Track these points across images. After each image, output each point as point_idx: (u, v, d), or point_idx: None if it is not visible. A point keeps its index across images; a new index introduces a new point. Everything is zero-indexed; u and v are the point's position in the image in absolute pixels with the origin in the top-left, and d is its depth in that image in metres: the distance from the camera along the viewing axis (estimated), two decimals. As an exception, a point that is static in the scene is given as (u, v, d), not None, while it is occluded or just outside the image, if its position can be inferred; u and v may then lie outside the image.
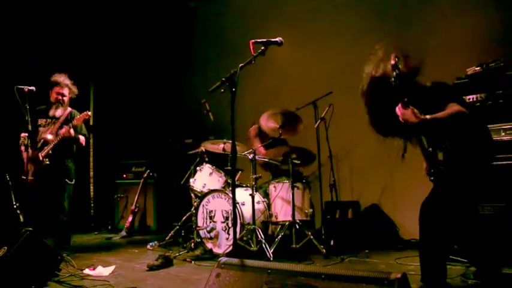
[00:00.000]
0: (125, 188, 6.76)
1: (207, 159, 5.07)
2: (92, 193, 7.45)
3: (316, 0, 5.89)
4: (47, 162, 4.20)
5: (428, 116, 2.49)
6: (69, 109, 4.54)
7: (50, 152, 4.27)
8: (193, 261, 4.04)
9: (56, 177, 4.35)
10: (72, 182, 4.49)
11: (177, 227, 5.14)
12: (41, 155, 4.22)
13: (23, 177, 4.28)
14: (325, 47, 5.64)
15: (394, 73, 2.55)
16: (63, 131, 4.26)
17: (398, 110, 2.56)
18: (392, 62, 2.56)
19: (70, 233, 4.58)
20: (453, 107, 2.53)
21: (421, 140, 2.65)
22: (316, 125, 4.66)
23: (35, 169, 4.27)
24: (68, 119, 4.44)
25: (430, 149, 2.63)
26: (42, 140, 4.31)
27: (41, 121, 4.47)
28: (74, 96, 4.63)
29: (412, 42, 4.81)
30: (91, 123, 7.54)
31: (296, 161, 4.42)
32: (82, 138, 4.49)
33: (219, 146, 4.78)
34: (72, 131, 4.28)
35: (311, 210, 4.47)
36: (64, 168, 4.43)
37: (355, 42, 5.34)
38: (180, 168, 5.69)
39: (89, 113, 4.38)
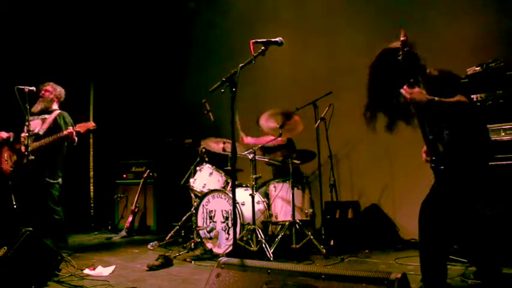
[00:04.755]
0: (124, 188, 6.77)
1: (207, 159, 5.07)
2: (92, 193, 7.46)
3: (316, 1, 5.89)
4: (32, 157, 4.13)
5: (436, 98, 2.47)
6: (58, 111, 4.46)
7: (37, 149, 4.21)
8: (193, 261, 4.04)
9: (38, 178, 4.26)
10: (56, 181, 4.37)
11: (177, 227, 5.14)
12: (22, 150, 4.17)
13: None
14: (325, 47, 5.64)
15: (403, 50, 2.49)
16: (69, 130, 4.22)
17: (405, 90, 2.52)
18: (403, 38, 2.53)
19: (66, 232, 4.53)
20: (461, 98, 2.52)
21: (424, 125, 2.63)
22: (316, 125, 4.66)
23: (16, 161, 4.23)
24: (57, 121, 4.38)
25: (431, 137, 2.62)
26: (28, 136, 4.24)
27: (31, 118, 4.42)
28: (61, 98, 4.57)
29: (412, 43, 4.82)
30: (91, 123, 7.56)
31: (296, 161, 4.42)
32: (76, 139, 4.37)
33: (219, 146, 4.79)
34: (75, 137, 4.23)
35: (311, 210, 4.47)
36: (47, 168, 4.35)
37: (355, 42, 5.34)
38: (180, 168, 5.69)
39: (94, 124, 4.32)
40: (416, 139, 2.81)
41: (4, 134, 4.35)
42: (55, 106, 4.52)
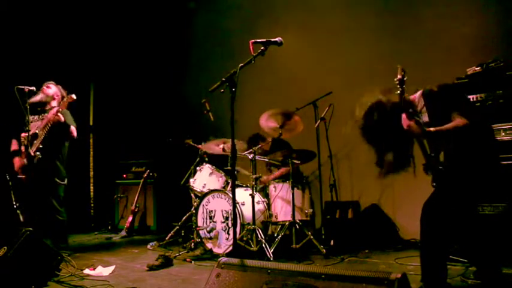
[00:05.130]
0: (124, 188, 6.77)
1: (207, 159, 5.07)
2: (92, 193, 7.46)
3: (316, 1, 5.89)
4: (39, 156, 4.14)
5: (432, 129, 2.52)
6: (57, 108, 4.45)
7: (41, 146, 4.21)
8: (193, 261, 4.04)
9: (45, 177, 4.27)
10: (63, 182, 4.37)
11: (177, 227, 5.14)
12: (32, 151, 4.18)
13: (18, 176, 4.24)
14: (326, 47, 5.64)
15: (402, 86, 2.59)
16: (50, 115, 4.19)
17: (404, 121, 2.58)
18: (399, 76, 2.59)
19: (67, 232, 4.54)
20: (458, 120, 2.52)
21: (423, 145, 2.68)
22: (316, 125, 4.66)
23: (26, 166, 4.24)
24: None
25: (433, 154, 2.65)
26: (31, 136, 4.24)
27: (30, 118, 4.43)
28: (60, 99, 4.55)
29: (413, 43, 4.83)
30: (91, 123, 7.56)
31: (296, 161, 4.42)
32: (72, 127, 4.34)
33: (219, 147, 4.79)
34: (60, 115, 4.16)
35: (311, 210, 4.47)
36: (53, 168, 4.35)
37: (355, 42, 5.34)
38: (180, 168, 5.69)
39: (74, 96, 4.27)
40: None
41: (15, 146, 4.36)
42: (54, 104, 4.49)
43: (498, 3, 4.42)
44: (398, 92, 2.60)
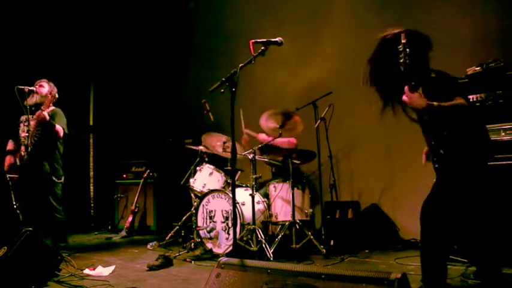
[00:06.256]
0: (125, 188, 6.77)
1: (207, 159, 5.07)
2: (92, 193, 7.46)
3: (316, 1, 5.89)
4: (26, 156, 4.17)
5: (435, 103, 2.48)
6: (51, 107, 4.44)
7: (31, 147, 4.21)
8: (193, 261, 4.04)
9: (41, 176, 4.29)
10: (60, 181, 4.40)
11: (177, 227, 5.14)
12: (22, 151, 4.21)
13: (9, 175, 4.26)
14: (326, 46, 5.63)
15: (405, 52, 2.50)
16: (38, 113, 4.19)
17: (406, 93, 2.53)
18: (403, 40, 2.52)
19: (67, 232, 4.55)
20: (459, 100, 2.53)
21: (425, 129, 2.66)
22: (316, 125, 4.66)
23: (17, 166, 4.26)
24: (50, 116, 4.37)
25: (433, 142, 2.64)
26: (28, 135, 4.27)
27: (22, 117, 4.44)
28: (55, 95, 4.56)
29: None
30: (91, 123, 7.56)
31: (296, 161, 4.42)
32: (58, 127, 4.34)
33: (217, 143, 4.79)
34: (45, 113, 4.19)
35: (311, 210, 4.47)
36: (49, 167, 4.35)
37: (355, 42, 5.33)
38: (180, 168, 5.69)
39: (56, 95, 4.30)
40: (417, 139, 2.82)
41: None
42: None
43: (498, 3, 4.41)
44: (402, 60, 2.50)
